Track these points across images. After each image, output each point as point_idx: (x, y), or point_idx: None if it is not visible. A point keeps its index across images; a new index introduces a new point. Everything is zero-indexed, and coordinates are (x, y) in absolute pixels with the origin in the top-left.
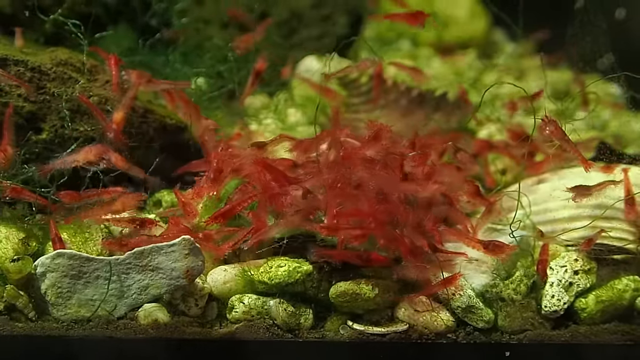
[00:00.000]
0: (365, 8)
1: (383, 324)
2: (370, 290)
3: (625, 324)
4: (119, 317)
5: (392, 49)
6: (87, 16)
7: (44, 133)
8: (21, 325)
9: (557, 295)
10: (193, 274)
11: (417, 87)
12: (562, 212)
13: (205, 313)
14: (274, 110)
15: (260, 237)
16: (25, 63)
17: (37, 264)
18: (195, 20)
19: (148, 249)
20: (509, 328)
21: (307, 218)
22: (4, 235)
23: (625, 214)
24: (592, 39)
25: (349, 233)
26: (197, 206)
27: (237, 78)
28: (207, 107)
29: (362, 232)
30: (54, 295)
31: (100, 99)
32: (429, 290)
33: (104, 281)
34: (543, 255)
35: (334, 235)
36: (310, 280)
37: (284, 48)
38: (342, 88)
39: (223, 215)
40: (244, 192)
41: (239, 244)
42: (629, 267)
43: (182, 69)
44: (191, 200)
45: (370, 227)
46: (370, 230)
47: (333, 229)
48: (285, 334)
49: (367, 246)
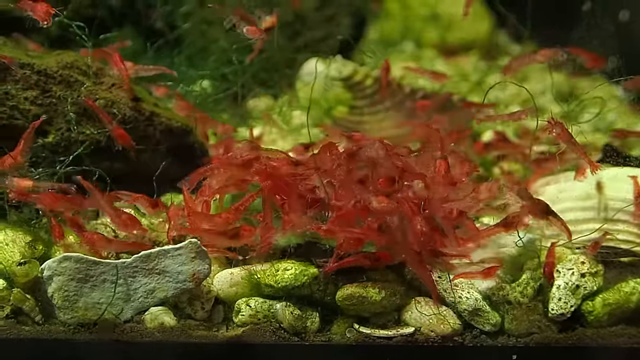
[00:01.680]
0: (368, 10)
1: (389, 327)
2: (377, 293)
3: (632, 327)
4: (126, 321)
5: (396, 50)
6: (92, 19)
7: (50, 136)
8: (28, 329)
9: (564, 298)
10: (199, 277)
11: (423, 88)
12: (569, 214)
13: (211, 316)
14: (278, 112)
15: (269, 243)
16: (32, 66)
17: (44, 268)
18: (199, 22)
19: (155, 252)
20: (515, 331)
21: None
22: (11, 239)
23: (636, 216)
24: (599, 42)
25: (348, 236)
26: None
27: (242, 80)
28: (213, 109)
29: (361, 236)
30: (60, 299)
31: (107, 101)
32: (465, 275)
33: (110, 284)
34: (549, 257)
35: (333, 238)
36: (316, 284)
37: (288, 50)
38: (346, 90)
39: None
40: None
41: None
42: (636, 270)
43: (187, 72)
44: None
45: (371, 232)
46: (369, 233)
47: (332, 231)
48: (291, 337)
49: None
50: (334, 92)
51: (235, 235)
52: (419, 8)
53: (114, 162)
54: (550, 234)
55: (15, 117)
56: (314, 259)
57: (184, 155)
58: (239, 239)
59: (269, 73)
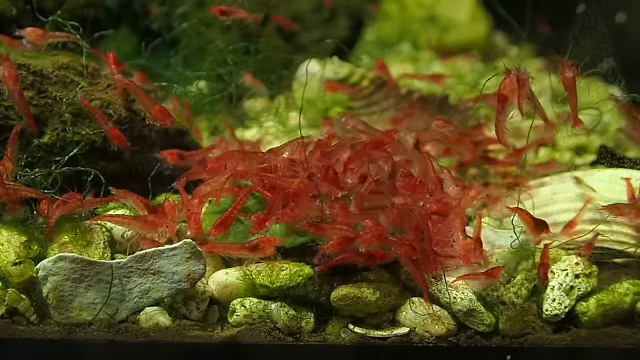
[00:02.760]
0: (366, 11)
1: (384, 328)
2: (372, 293)
3: (626, 328)
4: (121, 321)
5: (393, 51)
6: (86, 19)
7: (45, 137)
8: (23, 329)
9: (558, 299)
10: (194, 277)
11: (419, 90)
12: (563, 215)
13: (206, 316)
14: (274, 113)
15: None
16: (27, 67)
17: (39, 268)
18: (196, 23)
19: (150, 252)
20: (510, 332)
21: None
22: (6, 239)
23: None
24: (593, 43)
25: (337, 234)
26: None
27: (237, 81)
28: (209, 110)
29: (349, 235)
30: (55, 299)
31: (102, 102)
32: (468, 277)
33: (105, 284)
34: (544, 258)
35: (323, 236)
36: (311, 284)
37: (285, 51)
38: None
39: (223, 224)
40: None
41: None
42: (629, 271)
43: (183, 72)
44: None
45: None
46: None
47: (321, 228)
48: (286, 337)
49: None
50: (330, 93)
51: (255, 247)
52: (416, 9)
53: (110, 162)
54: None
55: (10, 117)
56: (308, 257)
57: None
58: (260, 251)
59: (265, 74)
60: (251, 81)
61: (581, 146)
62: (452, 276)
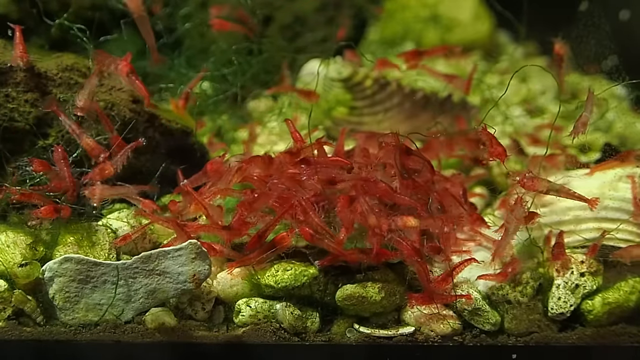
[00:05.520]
0: (369, 11)
1: (389, 327)
2: (377, 293)
3: (632, 326)
4: (127, 321)
5: (396, 51)
6: (92, 21)
7: (50, 138)
8: (29, 330)
9: (564, 298)
10: (200, 278)
11: (422, 89)
12: (568, 214)
13: (212, 317)
14: (278, 113)
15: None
16: (31, 69)
17: (45, 269)
18: (199, 24)
19: (155, 253)
20: (515, 330)
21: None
22: (12, 240)
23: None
24: (596, 41)
25: (331, 240)
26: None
27: (241, 81)
28: (213, 110)
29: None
30: (61, 300)
31: (106, 104)
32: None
33: (111, 285)
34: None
35: (316, 244)
36: (316, 284)
37: (288, 51)
38: (346, 91)
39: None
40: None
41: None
42: (635, 269)
43: (186, 73)
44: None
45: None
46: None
47: (311, 236)
48: (291, 337)
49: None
50: (333, 93)
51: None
52: (420, 9)
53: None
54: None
55: (15, 119)
56: (310, 256)
57: (184, 157)
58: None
59: (269, 74)
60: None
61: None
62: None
